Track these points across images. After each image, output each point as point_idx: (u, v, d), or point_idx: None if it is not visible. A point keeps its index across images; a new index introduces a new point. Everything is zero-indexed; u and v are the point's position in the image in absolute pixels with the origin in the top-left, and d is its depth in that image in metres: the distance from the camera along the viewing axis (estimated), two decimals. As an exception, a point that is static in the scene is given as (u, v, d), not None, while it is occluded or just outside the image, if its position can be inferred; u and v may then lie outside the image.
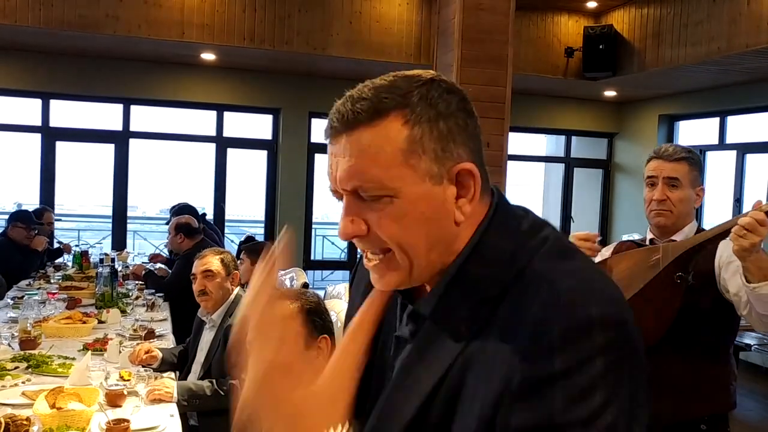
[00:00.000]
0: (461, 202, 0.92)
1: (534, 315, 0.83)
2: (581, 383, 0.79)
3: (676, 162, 2.21)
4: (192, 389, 2.91)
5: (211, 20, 6.83)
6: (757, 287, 1.88)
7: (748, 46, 6.25)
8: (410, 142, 0.89)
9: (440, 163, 0.90)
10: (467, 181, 0.92)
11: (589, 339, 0.80)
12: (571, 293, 0.84)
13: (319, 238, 10.64)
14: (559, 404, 0.79)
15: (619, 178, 10.17)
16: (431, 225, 0.91)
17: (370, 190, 0.90)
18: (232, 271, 3.54)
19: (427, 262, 0.93)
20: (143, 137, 8.71)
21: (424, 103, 0.90)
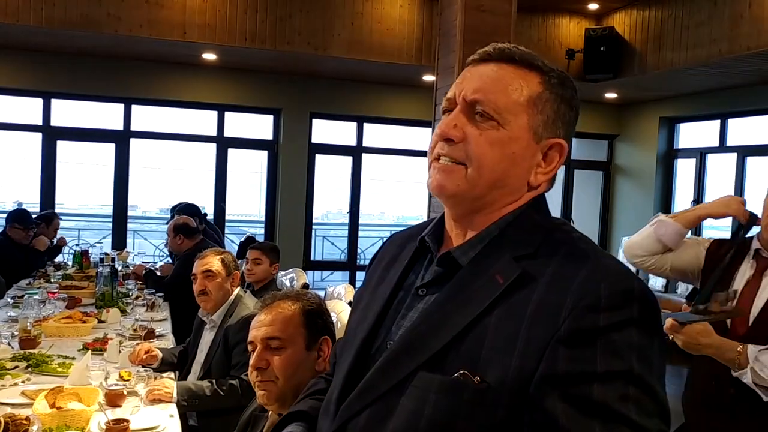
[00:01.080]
0: (540, 170, 1.07)
1: (584, 278, 0.94)
2: (621, 342, 0.90)
3: None
4: (192, 389, 2.91)
5: (213, 20, 6.83)
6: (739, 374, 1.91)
7: (750, 48, 6.25)
8: (537, 98, 1.06)
9: (546, 128, 1.06)
10: (554, 154, 1.08)
11: (629, 306, 0.93)
12: (616, 267, 0.98)
13: (320, 239, 10.64)
14: (602, 354, 0.90)
15: (620, 181, 10.16)
16: (512, 166, 1.05)
17: (487, 107, 1.04)
18: (233, 271, 3.53)
19: (487, 192, 1.06)
20: (144, 137, 8.70)
21: (558, 82, 1.09)
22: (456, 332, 0.97)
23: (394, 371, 1.01)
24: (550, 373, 0.91)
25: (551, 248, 1.02)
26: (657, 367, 0.93)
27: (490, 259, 1.03)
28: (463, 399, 0.93)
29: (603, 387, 0.89)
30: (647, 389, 0.91)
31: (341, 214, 9.55)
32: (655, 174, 9.37)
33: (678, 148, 9.44)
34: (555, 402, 0.89)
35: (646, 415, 0.89)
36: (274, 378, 1.79)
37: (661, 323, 0.99)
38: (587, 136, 10.25)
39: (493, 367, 0.93)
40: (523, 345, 0.93)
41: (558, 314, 0.92)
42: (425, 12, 7.34)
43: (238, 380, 2.93)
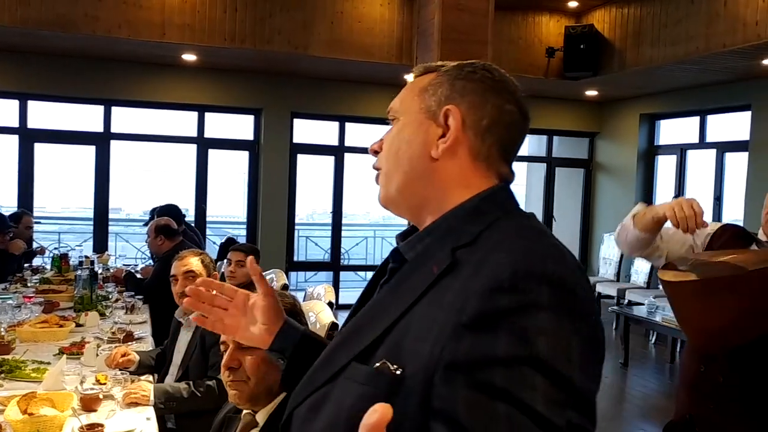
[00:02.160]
0: (440, 141, 1.07)
1: (494, 260, 0.92)
2: (525, 325, 0.86)
3: None
4: (169, 391, 2.89)
5: (192, 20, 6.79)
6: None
7: (726, 45, 6.31)
8: (429, 84, 1.10)
9: (440, 104, 1.08)
10: (449, 122, 1.06)
11: (536, 289, 0.88)
12: (535, 250, 0.94)
13: (303, 239, 10.61)
14: (504, 339, 0.85)
15: (601, 178, 10.22)
16: (410, 147, 1.09)
17: (392, 112, 1.14)
18: (212, 272, 3.53)
19: (402, 183, 1.09)
20: (124, 139, 8.64)
21: (454, 68, 1.11)
22: (389, 323, 0.98)
23: (331, 363, 1.04)
24: (451, 359, 0.88)
25: (489, 236, 0.99)
26: (578, 355, 0.87)
27: (432, 252, 1.02)
28: (381, 389, 0.93)
29: (505, 373, 0.84)
30: (558, 379, 0.84)
31: (326, 214, 9.52)
32: (636, 170, 9.44)
33: (658, 145, 9.51)
34: (455, 388, 0.86)
35: (556, 406, 0.83)
36: (245, 378, 1.77)
37: (587, 309, 0.91)
38: (568, 134, 10.31)
39: (412, 356, 0.92)
40: (436, 332, 0.91)
41: (468, 298, 0.89)
42: (405, 11, 7.35)
43: (215, 381, 2.91)
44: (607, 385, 6.31)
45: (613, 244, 9.22)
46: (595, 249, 9.94)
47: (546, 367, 0.84)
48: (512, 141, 1.11)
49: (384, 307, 1.03)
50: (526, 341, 0.85)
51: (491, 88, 1.09)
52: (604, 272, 9.26)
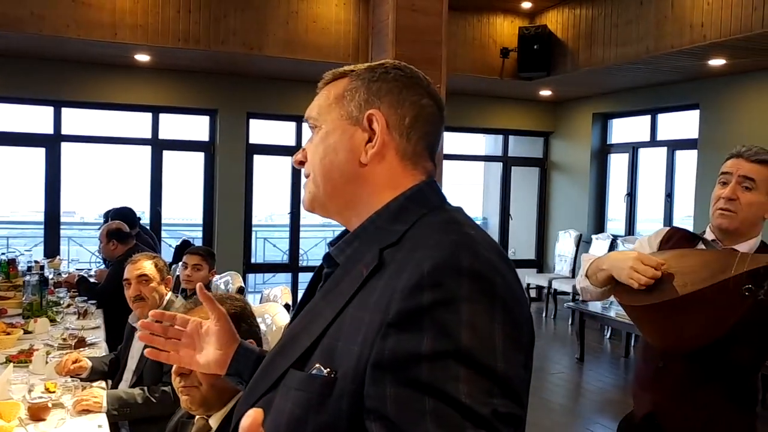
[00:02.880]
0: (368, 146, 1.08)
1: (417, 257, 0.93)
2: (447, 319, 0.88)
3: (756, 163, 2.06)
4: (122, 398, 2.85)
5: (145, 21, 6.69)
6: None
7: (674, 46, 6.47)
8: (345, 91, 1.11)
9: (360, 110, 1.09)
10: (374, 126, 1.08)
11: (456, 282, 0.90)
12: (454, 244, 0.95)
13: (261, 241, 10.54)
14: (428, 335, 0.87)
15: (555, 176, 10.38)
16: (337, 154, 1.09)
17: (311, 120, 1.15)
18: (166, 275, 3.49)
19: (331, 189, 1.11)
20: (76, 140, 8.46)
21: (366, 71, 1.12)
22: (322, 328, 0.99)
23: (271, 371, 1.05)
24: (378, 358, 0.89)
25: (413, 235, 1.01)
26: (501, 343, 0.89)
27: (361, 254, 1.04)
28: (314, 392, 0.95)
29: (431, 368, 0.86)
30: (482, 369, 0.86)
31: (284, 215, 9.47)
32: (589, 169, 9.61)
33: (611, 143, 9.70)
34: (383, 387, 0.88)
35: (480, 396, 0.85)
36: (197, 383, 1.76)
37: (508, 296, 0.93)
38: (523, 133, 10.44)
39: (343, 358, 0.94)
40: (364, 333, 0.93)
41: (391, 298, 0.91)
42: (360, 11, 7.35)
43: (170, 387, 2.88)
44: (564, 380, 6.41)
45: (568, 240, 9.37)
46: (551, 246, 10.09)
47: (469, 359, 0.86)
48: (434, 134, 1.13)
49: (318, 311, 1.03)
50: (449, 335, 0.87)
51: (406, 85, 1.11)
52: (560, 269, 9.41)
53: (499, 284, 0.93)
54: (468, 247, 0.95)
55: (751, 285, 1.81)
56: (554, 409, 5.60)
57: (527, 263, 10.34)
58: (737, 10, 5.85)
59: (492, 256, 0.96)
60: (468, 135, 10.51)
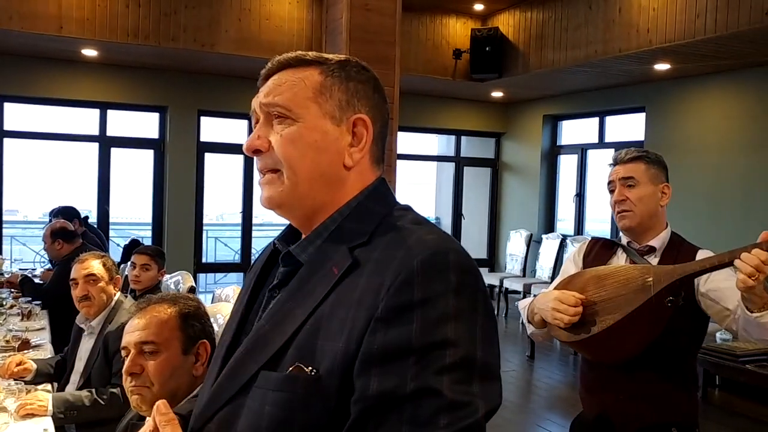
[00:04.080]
0: (353, 150, 1.07)
1: (401, 256, 0.96)
2: (437, 313, 0.91)
3: (630, 162, 2.24)
4: (69, 400, 2.77)
5: (92, 15, 6.54)
6: (760, 316, 1.86)
7: (621, 50, 6.62)
8: (322, 86, 1.07)
9: (342, 110, 1.07)
10: (361, 131, 1.08)
11: (444, 277, 0.94)
12: (433, 242, 0.98)
13: (212, 240, 10.41)
14: (417, 328, 0.90)
15: (506, 177, 10.51)
16: (321, 155, 1.06)
17: (278, 108, 1.07)
18: (115, 275, 3.41)
19: (309, 189, 1.07)
20: (19, 137, 8.22)
21: (338, 66, 1.09)
22: (295, 328, 0.99)
23: (239, 374, 1.02)
24: (366, 352, 0.91)
25: (383, 233, 1.02)
26: (480, 334, 0.94)
27: (328, 253, 1.04)
28: (297, 392, 0.95)
29: (419, 360, 0.89)
30: (464, 359, 0.91)
31: (236, 214, 9.36)
32: (539, 169, 9.76)
33: (561, 145, 9.87)
34: (368, 378, 0.90)
35: (462, 384, 0.90)
36: (149, 384, 1.73)
37: (483, 288, 0.99)
38: (475, 134, 10.55)
39: (324, 356, 0.94)
40: (348, 330, 0.94)
41: (378, 294, 0.93)
42: (314, 9, 7.32)
43: (119, 388, 2.82)
44: (515, 377, 6.50)
45: (519, 240, 9.51)
46: (502, 245, 10.22)
47: (455, 351, 0.90)
48: (387, 134, 1.15)
49: (287, 311, 1.02)
50: (437, 328, 0.90)
51: (375, 88, 1.11)
52: (511, 268, 9.53)
53: (479, 277, 0.98)
54: (449, 243, 0.99)
55: (671, 297, 1.95)
56: (506, 406, 5.67)
57: (479, 262, 10.44)
58: (681, 17, 6.03)
59: (465, 251, 1.00)
60: (421, 135, 10.57)
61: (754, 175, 6.87)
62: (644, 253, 2.22)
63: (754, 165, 6.85)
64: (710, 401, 5.78)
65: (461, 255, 0.98)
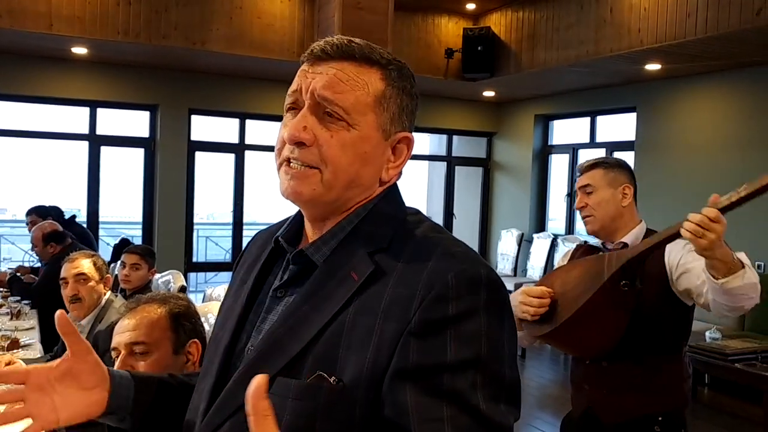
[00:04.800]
0: (390, 164, 1.08)
1: (432, 268, 0.95)
2: (470, 330, 0.92)
3: (588, 170, 2.35)
4: (58, 401, 2.75)
5: (82, 12, 6.49)
6: (725, 282, 1.88)
7: (612, 50, 6.64)
8: (382, 96, 1.05)
9: (392, 124, 1.06)
10: (403, 147, 1.09)
11: (477, 293, 0.94)
12: (462, 255, 0.98)
13: (203, 239, 10.38)
14: (453, 345, 0.91)
15: (498, 176, 10.53)
16: (365, 165, 1.04)
17: (336, 107, 1.02)
18: (105, 274, 3.40)
19: (341, 194, 1.04)
20: (7, 135, 8.16)
21: (397, 76, 1.07)
22: (313, 334, 0.96)
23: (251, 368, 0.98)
24: (401, 366, 0.90)
25: (403, 240, 1.02)
26: (507, 350, 0.95)
27: (345, 256, 1.02)
28: (319, 401, 0.92)
29: (453, 377, 0.89)
30: (494, 376, 0.92)
31: (226, 213, 9.34)
32: (531, 169, 9.78)
33: (552, 144, 9.89)
34: (406, 394, 0.89)
35: (493, 401, 0.90)
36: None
37: (509, 304, 1.00)
38: (467, 133, 10.56)
39: (349, 365, 0.92)
40: (376, 340, 0.92)
41: (409, 307, 0.92)
42: (306, 8, 7.30)
43: (109, 389, 2.80)
44: (506, 377, 6.51)
45: (510, 239, 9.53)
46: (493, 245, 10.23)
47: (486, 367, 0.91)
48: None
49: (303, 315, 0.99)
50: (471, 345, 0.91)
51: (414, 96, 1.11)
52: (502, 267, 9.55)
53: (504, 292, 0.98)
54: (477, 259, 1.00)
55: (626, 280, 2.01)
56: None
57: (470, 262, 10.44)
58: (672, 17, 6.05)
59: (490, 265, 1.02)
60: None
61: (744, 174, 6.85)
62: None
63: (745, 164, 6.88)
64: (700, 400, 5.81)
65: (491, 271, 0.98)
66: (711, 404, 5.79)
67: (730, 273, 1.88)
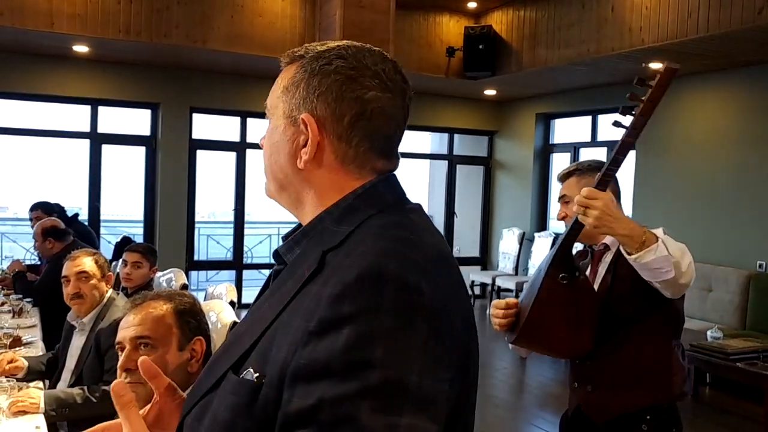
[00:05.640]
0: (303, 151, 1.02)
1: (346, 265, 0.89)
2: (365, 331, 0.83)
3: (563, 180, 2.37)
4: (61, 398, 2.76)
5: (84, 10, 6.50)
6: (638, 257, 1.91)
7: (614, 49, 6.63)
8: (290, 84, 1.04)
9: (299, 109, 1.02)
10: (306, 131, 1.01)
11: (380, 291, 0.85)
12: (379, 252, 0.90)
13: (204, 238, 10.38)
14: (339, 346, 0.83)
15: (499, 175, 10.53)
16: (278, 155, 1.05)
17: (266, 110, 1.09)
18: (107, 272, 3.39)
19: (276, 188, 1.08)
20: (9, 133, 8.17)
21: (314, 58, 1.03)
22: (262, 330, 0.95)
23: (214, 372, 1.00)
24: (295, 365, 0.86)
25: (355, 238, 0.96)
26: (422, 357, 0.84)
27: (308, 254, 1.00)
28: (243, 398, 0.91)
29: (340, 380, 0.81)
30: (392, 383, 0.81)
31: (228, 212, 9.33)
32: (532, 168, 9.78)
33: (553, 143, 9.88)
34: (292, 396, 0.85)
35: (381, 412, 0.80)
36: (143, 380, 1.72)
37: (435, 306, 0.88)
38: (468, 132, 10.56)
39: (272, 363, 0.90)
40: (290, 339, 0.89)
41: (318, 305, 0.88)
42: (307, 7, 7.30)
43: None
44: (508, 376, 6.51)
45: (511, 238, 9.52)
46: (495, 243, 10.23)
47: (380, 373, 0.81)
48: (386, 129, 1.04)
49: (262, 312, 1.00)
50: (364, 348, 0.82)
51: (348, 78, 1.01)
52: (503, 266, 9.55)
53: (427, 294, 0.87)
54: (398, 254, 0.90)
55: (563, 273, 2.03)
56: (498, 404, 5.68)
57: (472, 261, 10.46)
58: (674, 16, 6.05)
59: (426, 264, 0.91)
60: (414, 133, 10.56)
61: (746, 172, 6.89)
62: (602, 253, 2.30)
63: (746, 163, 6.88)
64: (701, 399, 5.81)
65: (405, 268, 0.88)
66: (712, 403, 5.79)
67: (643, 248, 1.91)
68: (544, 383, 6.31)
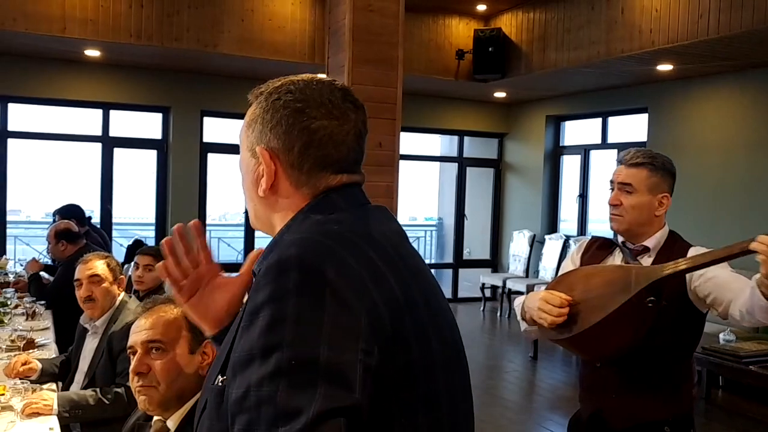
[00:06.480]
0: (262, 180, 1.10)
1: (268, 259, 0.99)
2: (276, 315, 0.90)
3: (633, 167, 2.19)
4: (74, 399, 2.79)
5: (95, 15, 6.55)
6: None
7: (624, 51, 6.62)
8: (251, 118, 1.13)
9: (257, 142, 1.11)
10: (261, 162, 1.10)
11: (286, 276, 0.93)
12: (293, 240, 1.00)
13: (215, 240, 10.42)
14: (256, 333, 0.91)
15: (509, 177, 10.51)
16: (246, 183, 1.16)
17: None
18: (119, 275, 3.42)
19: (253, 214, 1.19)
20: (23, 137, 8.24)
21: (268, 94, 1.12)
22: (232, 339, 1.02)
23: (210, 375, 1.09)
24: (232, 361, 0.94)
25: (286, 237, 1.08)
26: (327, 329, 0.89)
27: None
28: (213, 402, 1.00)
29: (259, 365, 0.88)
30: (303, 360, 0.87)
31: (239, 214, 9.36)
32: (542, 170, 9.76)
33: (563, 145, 9.87)
34: (231, 390, 0.92)
35: (296, 388, 0.86)
36: (155, 383, 1.74)
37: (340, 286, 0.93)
38: (478, 134, 10.55)
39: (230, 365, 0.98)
40: (233, 340, 0.99)
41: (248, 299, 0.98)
42: (316, 10, 7.33)
43: (123, 388, 2.83)
44: (518, 377, 6.50)
45: (522, 240, 9.50)
46: (505, 246, 10.22)
47: (291, 352, 0.88)
48: (336, 153, 1.10)
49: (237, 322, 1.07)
50: (275, 331, 0.89)
51: (295, 111, 1.09)
52: (514, 269, 9.53)
53: (329, 275, 0.93)
54: (304, 240, 0.99)
55: (653, 297, 1.94)
56: (508, 406, 5.68)
57: (482, 263, 10.45)
58: (684, 17, 6.03)
59: (335, 247, 0.97)
60: (424, 135, 10.57)
61: (757, 175, 6.86)
62: (639, 253, 2.22)
63: (757, 165, 6.85)
64: (714, 402, 5.78)
65: (308, 252, 0.96)
66: (725, 406, 5.76)
67: None
68: (554, 385, 6.29)
